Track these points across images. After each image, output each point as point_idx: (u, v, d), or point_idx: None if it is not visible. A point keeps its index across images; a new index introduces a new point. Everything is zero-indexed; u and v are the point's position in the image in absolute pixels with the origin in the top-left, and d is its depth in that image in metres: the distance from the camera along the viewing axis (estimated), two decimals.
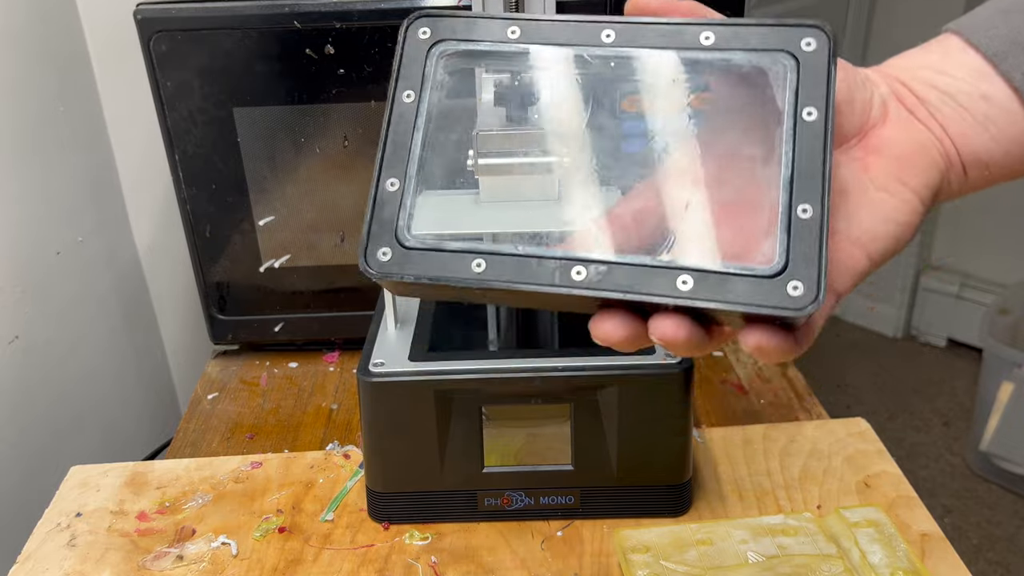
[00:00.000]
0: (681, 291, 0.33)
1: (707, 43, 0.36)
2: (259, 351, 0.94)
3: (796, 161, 0.34)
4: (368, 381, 0.63)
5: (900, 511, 0.67)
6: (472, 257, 0.35)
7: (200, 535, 0.67)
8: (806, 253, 0.33)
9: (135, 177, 1.06)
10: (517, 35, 0.37)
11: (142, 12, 0.77)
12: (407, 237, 0.36)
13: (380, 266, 0.36)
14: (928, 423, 2.07)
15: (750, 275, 0.33)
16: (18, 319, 0.86)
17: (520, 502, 0.67)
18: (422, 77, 0.37)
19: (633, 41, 0.37)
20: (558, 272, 0.34)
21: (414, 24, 0.37)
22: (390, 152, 0.37)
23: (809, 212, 0.34)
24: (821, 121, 0.35)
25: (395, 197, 0.37)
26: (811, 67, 0.35)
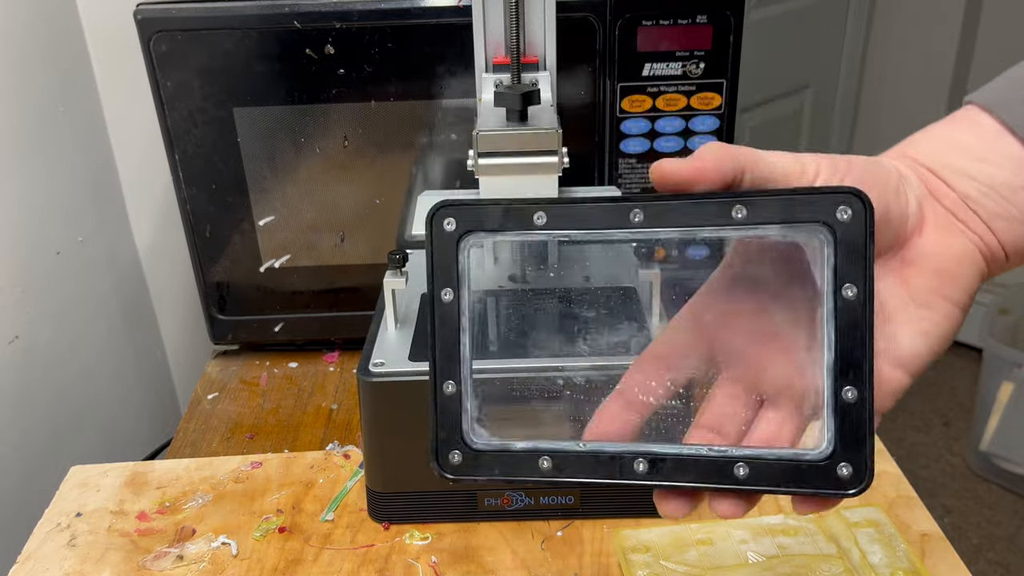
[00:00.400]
0: (740, 478, 0.36)
1: (739, 217, 0.35)
2: (259, 351, 0.94)
3: (839, 343, 0.35)
4: (368, 381, 0.63)
5: (900, 511, 0.67)
6: (538, 455, 0.37)
7: (200, 535, 0.67)
8: (854, 437, 0.35)
9: (135, 177, 1.06)
10: (544, 221, 0.37)
11: (142, 12, 0.77)
12: (474, 441, 0.38)
13: (454, 470, 0.38)
14: (928, 423, 2.07)
15: (802, 461, 0.35)
16: (18, 319, 0.86)
17: (520, 502, 0.67)
18: (457, 274, 0.37)
19: (663, 221, 0.36)
20: (620, 467, 0.37)
21: (439, 215, 0.37)
22: (441, 356, 0.38)
23: (854, 395, 0.35)
24: (862, 299, 0.35)
25: (455, 400, 0.38)
26: (848, 239, 0.34)
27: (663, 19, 0.78)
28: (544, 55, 0.70)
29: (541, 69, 0.71)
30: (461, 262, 0.37)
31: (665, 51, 0.79)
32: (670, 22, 0.78)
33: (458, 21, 0.78)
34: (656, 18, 0.78)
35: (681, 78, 0.80)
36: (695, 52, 0.79)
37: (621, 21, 0.78)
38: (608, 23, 0.78)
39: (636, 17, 0.78)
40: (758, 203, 0.35)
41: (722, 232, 0.36)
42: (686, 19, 0.78)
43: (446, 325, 0.37)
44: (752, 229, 0.35)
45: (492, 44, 0.69)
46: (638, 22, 0.78)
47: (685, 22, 0.78)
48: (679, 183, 0.35)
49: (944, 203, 0.39)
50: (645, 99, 0.81)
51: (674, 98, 0.80)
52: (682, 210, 0.36)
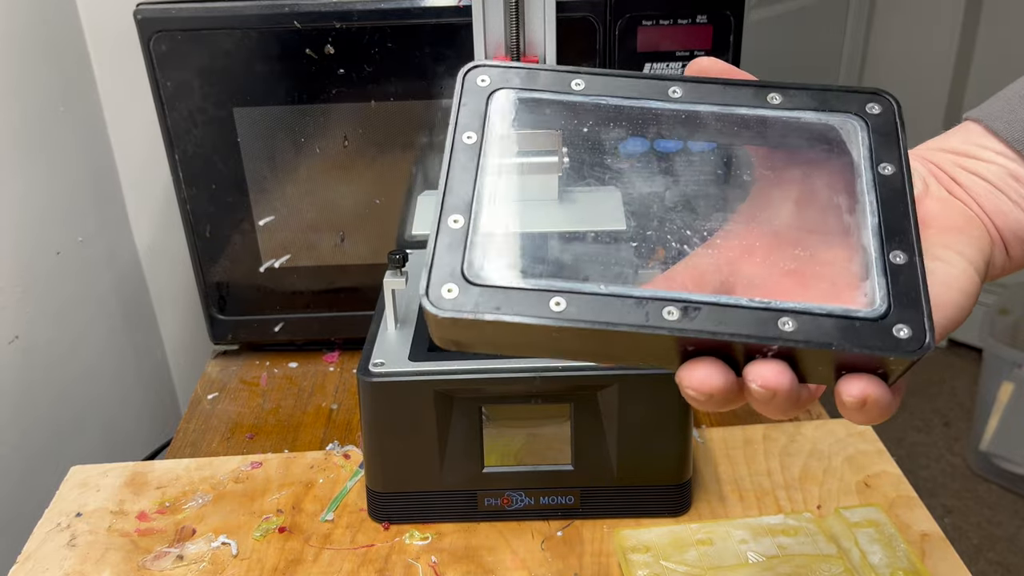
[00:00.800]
0: (786, 333, 0.31)
1: (775, 103, 0.37)
2: (259, 351, 0.94)
3: (882, 209, 0.34)
4: (368, 381, 0.63)
5: (900, 511, 0.67)
6: (549, 295, 0.32)
7: (200, 535, 0.67)
8: (908, 295, 0.32)
9: (135, 177, 1.06)
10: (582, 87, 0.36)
11: (142, 12, 0.77)
12: (475, 275, 0.33)
13: (445, 304, 0.32)
14: (928, 423, 2.07)
15: (854, 318, 0.32)
16: (18, 319, 0.86)
17: (520, 502, 0.67)
18: (484, 121, 0.35)
19: (701, 98, 0.36)
20: (648, 312, 0.32)
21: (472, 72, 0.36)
22: (452, 190, 0.34)
23: (902, 258, 0.33)
24: (900, 174, 0.35)
25: (459, 234, 0.33)
26: (880, 128, 0.36)
27: (663, 19, 0.78)
28: (544, 55, 0.70)
29: None
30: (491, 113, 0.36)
31: (665, 51, 0.79)
32: (670, 22, 0.78)
33: (458, 21, 0.78)
34: (656, 18, 0.78)
35: None
36: (695, 52, 0.79)
37: (621, 21, 0.78)
38: (608, 23, 0.78)
39: (636, 17, 0.78)
40: (793, 92, 0.37)
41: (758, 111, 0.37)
42: (686, 19, 0.78)
43: (462, 162, 0.35)
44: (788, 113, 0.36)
45: (492, 44, 0.69)
46: (638, 22, 0.78)
47: (685, 22, 0.78)
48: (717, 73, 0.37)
49: (942, 183, 0.41)
50: None
51: None
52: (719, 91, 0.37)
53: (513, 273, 0.33)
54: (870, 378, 0.32)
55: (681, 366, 0.33)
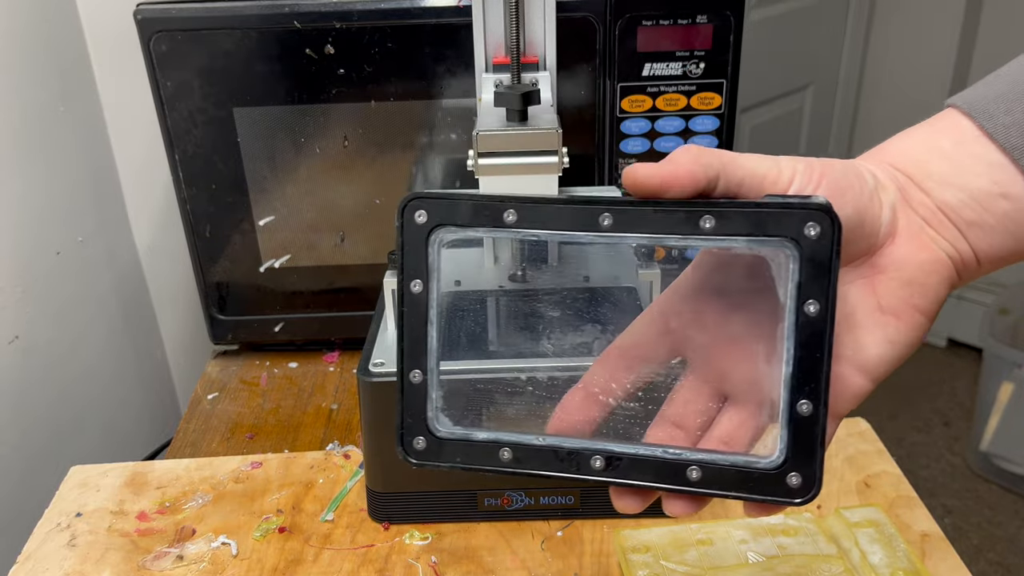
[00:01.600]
0: (692, 481, 0.37)
1: (707, 227, 0.35)
2: (259, 351, 0.94)
3: (797, 358, 0.35)
4: (368, 381, 0.63)
5: (900, 511, 0.67)
6: (499, 447, 0.38)
7: (200, 535, 0.67)
8: (805, 449, 0.36)
9: (135, 177, 1.06)
10: (514, 219, 0.36)
11: (142, 12, 0.77)
12: (438, 429, 0.39)
13: (417, 455, 0.39)
14: (928, 423, 2.07)
15: (753, 469, 0.36)
16: (18, 319, 0.86)
17: (520, 502, 0.67)
18: (427, 267, 0.38)
19: (631, 227, 0.36)
20: (578, 463, 0.38)
21: (409, 207, 0.37)
22: (409, 345, 0.38)
23: (808, 408, 0.35)
24: (823, 315, 0.35)
25: (421, 389, 0.38)
26: (814, 256, 0.34)
27: (663, 19, 0.78)
28: (544, 55, 0.70)
29: (541, 69, 0.71)
30: (431, 255, 0.37)
31: (665, 51, 0.79)
32: (670, 22, 0.78)
33: (458, 21, 0.78)
34: (656, 18, 0.78)
35: (681, 78, 0.80)
36: (695, 52, 0.79)
37: (621, 21, 0.78)
38: (608, 23, 0.78)
39: (636, 17, 0.78)
40: (727, 215, 0.35)
41: (688, 241, 0.35)
42: (686, 19, 0.78)
43: (414, 315, 0.38)
44: (719, 241, 0.35)
45: (492, 44, 0.69)
46: (638, 22, 0.78)
47: (685, 22, 0.78)
48: (652, 189, 0.35)
49: (919, 211, 0.39)
50: (645, 99, 0.80)
51: (674, 98, 0.80)
52: (651, 216, 0.35)
53: (468, 429, 0.39)
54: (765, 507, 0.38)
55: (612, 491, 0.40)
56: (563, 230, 0.36)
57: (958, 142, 0.39)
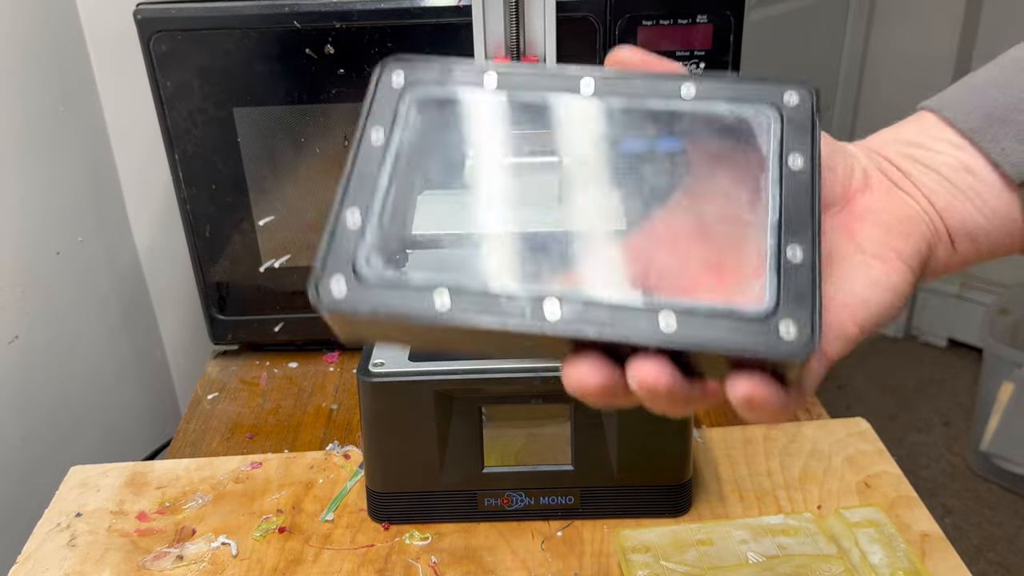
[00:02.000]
0: (663, 332, 0.30)
1: (688, 94, 0.35)
2: (259, 351, 0.94)
3: (784, 205, 0.33)
4: (368, 381, 0.63)
5: (900, 511, 0.67)
6: (434, 290, 0.31)
7: (200, 535, 0.67)
8: (799, 293, 0.31)
9: (135, 177, 1.06)
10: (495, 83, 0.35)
11: (142, 12, 0.77)
12: (364, 268, 0.32)
13: (333, 301, 0.32)
14: (928, 423, 2.07)
15: (738, 316, 0.31)
16: (18, 319, 0.86)
17: (520, 502, 0.67)
18: (393, 116, 0.35)
19: (613, 91, 0.35)
20: (529, 309, 0.31)
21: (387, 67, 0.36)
22: (355, 184, 0.34)
23: (800, 255, 0.32)
24: (808, 167, 0.34)
25: (353, 231, 0.33)
26: (795, 119, 0.35)
27: (663, 19, 0.78)
28: (544, 55, 0.70)
29: None
30: (400, 107, 0.35)
31: (665, 51, 0.79)
32: (670, 22, 0.78)
33: (458, 21, 0.78)
34: (656, 18, 0.78)
35: None
36: (695, 52, 0.79)
37: (621, 21, 0.78)
38: (608, 23, 0.78)
39: (636, 17, 0.78)
40: (707, 83, 0.35)
41: (670, 104, 0.35)
42: (686, 19, 0.78)
43: (369, 158, 0.34)
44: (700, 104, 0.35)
45: (492, 44, 0.69)
46: (638, 22, 0.78)
47: (685, 22, 0.78)
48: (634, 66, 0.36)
49: (890, 177, 0.40)
50: None
51: None
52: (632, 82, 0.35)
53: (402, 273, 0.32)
54: (759, 378, 0.31)
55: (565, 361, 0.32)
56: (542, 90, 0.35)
57: (922, 130, 0.41)
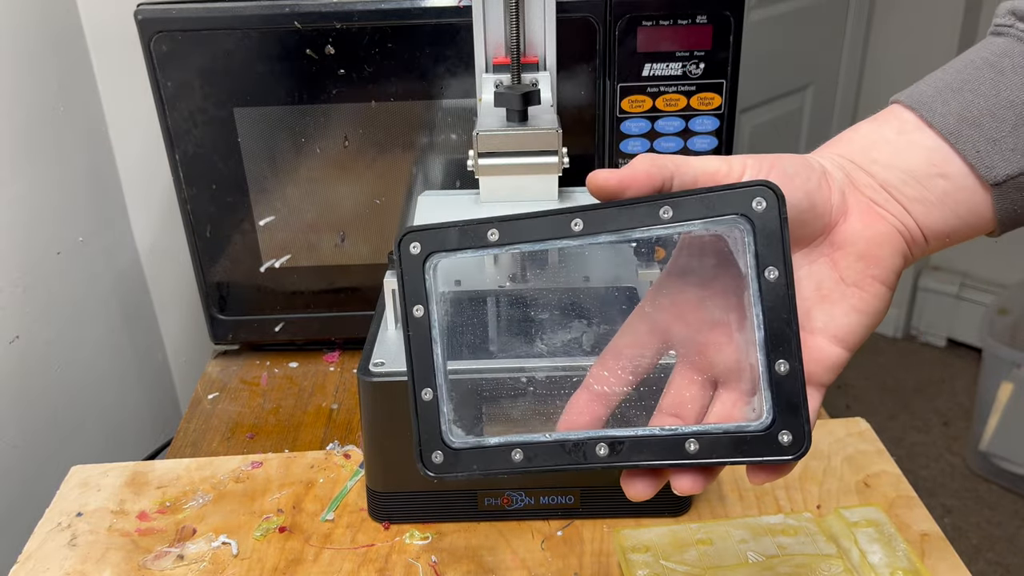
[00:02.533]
0: (691, 453, 0.39)
1: (666, 217, 0.39)
2: (259, 351, 0.94)
3: (767, 322, 0.38)
4: (368, 381, 0.63)
5: (900, 511, 0.67)
6: (510, 448, 0.41)
7: (200, 535, 0.67)
8: (790, 405, 0.38)
9: (135, 177, 1.06)
10: (497, 237, 0.40)
11: (142, 12, 0.78)
12: (452, 441, 0.41)
13: (437, 469, 0.42)
14: (928, 423, 2.07)
15: (746, 432, 0.39)
16: (18, 319, 0.86)
17: (520, 502, 0.67)
18: (425, 292, 0.41)
19: (599, 227, 0.40)
20: (584, 452, 0.40)
21: (404, 240, 0.41)
22: (417, 365, 0.41)
23: (785, 368, 0.38)
24: (783, 279, 0.38)
25: (433, 406, 0.41)
26: (765, 226, 0.38)
27: (663, 19, 0.78)
28: (544, 55, 0.70)
29: (541, 69, 0.71)
30: (428, 280, 0.41)
31: (665, 51, 0.79)
32: (670, 22, 0.78)
33: (458, 21, 0.78)
34: (656, 18, 0.78)
35: (681, 78, 0.80)
36: (695, 52, 0.79)
37: (621, 21, 0.78)
38: (608, 23, 0.78)
39: (636, 17, 0.78)
40: (682, 202, 0.39)
41: (652, 231, 0.39)
42: (686, 19, 0.78)
43: (419, 338, 0.41)
44: (679, 227, 0.39)
45: (492, 44, 0.70)
46: (638, 22, 0.78)
47: (685, 22, 0.78)
48: (611, 190, 0.39)
49: (866, 192, 0.42)
50: (645, 99, 0.81)
51: (674, 98, 0.80)
52: (616, 215, 0.39)
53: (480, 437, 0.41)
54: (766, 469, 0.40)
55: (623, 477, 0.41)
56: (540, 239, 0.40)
57: (900, 131, 0.43)
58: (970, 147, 0.41)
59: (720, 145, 0.82)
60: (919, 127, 0.42)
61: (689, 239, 0.42)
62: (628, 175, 0.39)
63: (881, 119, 0.44)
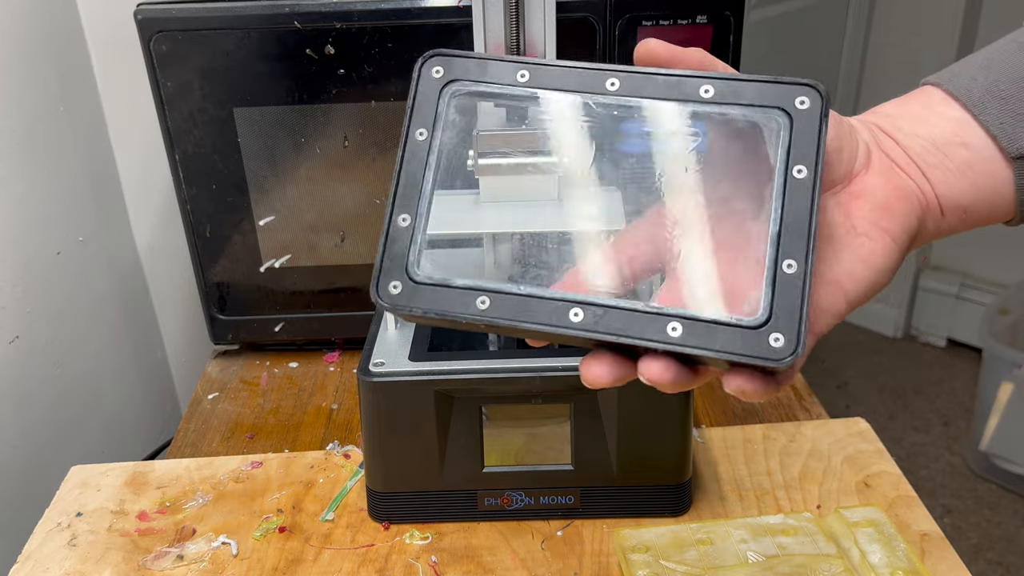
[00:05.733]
0: (671, 337, 0.36)
1: (706, 96, 0.38)
2: (259, 351, 0.94)
3: (784, 217, 0.36)
4: (368, 381, 0.63)
5: (900, 511, 0.67)
6: (477, 294, 0.37)
7: (200, 535, 0.67)
8: (789, 307, 0.36)
9: (135, 177, 1.06)
10: (527, 79, 0.38)
11: (142, 12, 0.78)
12: (416, 273, 0.38)
13: (390, 298, 0.37)
14: (928, 423, 2.07)
15: (736, 325, 0.36)
16: (18, 319, 0.86)
17: (520, 502, 0.67)
18: (435, 116, 0.38)
19: (636, 91, 0.38)
20: (556, 313, 0.37)
21: (428, 62, 0.39)
22: (403, 188, 0.38)
23: (794, 267, 0.36)
24: (810, 179, 0.37)
25: (407, 232, 0.38)
26: (803, 125, 0.37)
27: (663, 19, 0.78)
28: (544, 55, 0.70)
29: None
30: (440, 107, 0.38)
31: None
32: (670, 22, 0.78)
33: (458, 21, 0.78)
34: (656, 18, 0.78)
35: None
36: None
37: (621, 21, 0.78)
38: (608, 23, 0.78)
39: (636, 17, 0.78)
40: (725, 85, 0.38)
41: (688, 107, 0.38)
42: (686, 19, 0.78)
43: (413, 159, 0.38)
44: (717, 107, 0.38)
45: (492, 44, 0.69)
46: (638, 22, 0.78)
47: (685, 22, 0.78)
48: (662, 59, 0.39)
49: (889, 154, 0.43)
50: None
51: None
52: (656, 81, 0.38)
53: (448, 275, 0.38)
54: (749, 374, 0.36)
55: (583, 358, 0.38)
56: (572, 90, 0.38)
57: (926, 105, 0.44)
58: (993, 119, 0.41)
59: None
60: (945, 100, 0.43)
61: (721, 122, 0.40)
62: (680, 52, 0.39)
63: (908, 96, 0.45)
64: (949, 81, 0.43)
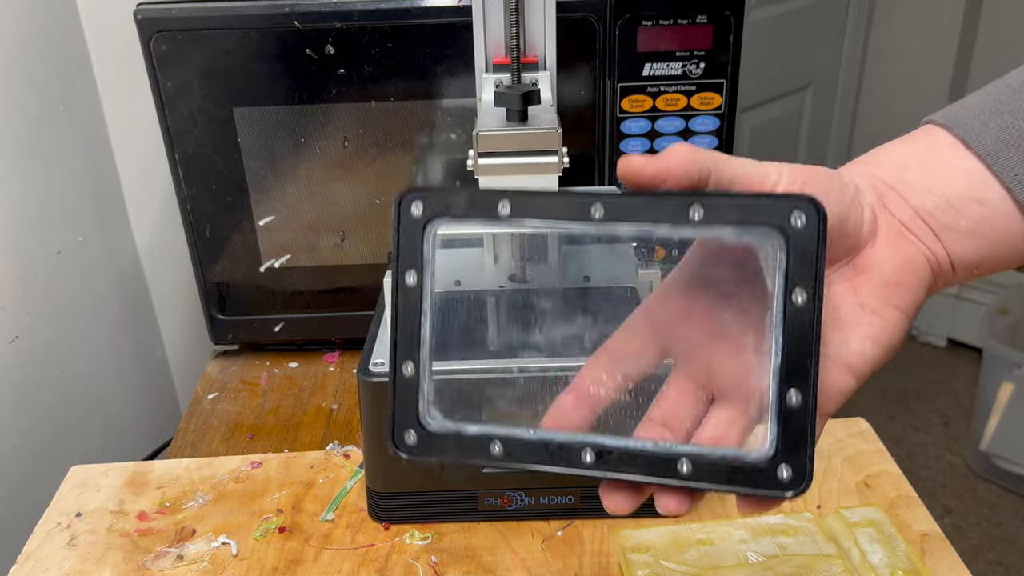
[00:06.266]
0: (682, 474, 0.36)
1: (696, 218, 0.35)
2: (259, 351, 0.94)
3: (786, 348, 0.35)
4: (368, 381, 0.63)
5: (900, 511, 0.67)
6: (490, 441, 0.38)
7: (200, 535, 0.67)
8: (796, 440, 0.35)
9: (135, 177, 1.06)
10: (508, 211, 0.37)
11: (142, 12, 0.78)
12: (429, 423, 0.38)
13: (408, 449, 0.38)
14: (928, 423, 2.07)
15: (744, 461, 0.36)
16: (18, 319, 0.86)
17: (520, 502, 0.67)
18: (422, 258, 0.38)
19: (623, 216, 0.36)
20: (568, 456, 0.37)
21: (407, 199, 0.37)
22: (402, 337, 0.38)
23: (798, 399, 0.35)
24: (811, 305, 0.35)
25: (413, 382, 0.38)
26: (801, 246, 0.35)
27: (663, 19, 0.78)
28: (544, 55, 0.70)
29: (541, 69, 0.71)
30: (426, 247, 0.37)
31: (665, 51, 0.79)
32: (670, 22, 0.78)
33: (458, 21, 0.78)
34: (656, 18, 0.78)
35: (681, 78, 0.80)
36: (695, 52, 0.79)
37: (621, 21, 0.78)
38: (608, 23, 0.78)
39: (636, 17, 0.78)
40: (716, 204, 0.35)
41: (678, 231, 0.36)
42: (686, 19, 0.78)
43: (408, 307, 0.38)
44: (708, 230, 0.35)
45: (492, 44, 0.69)
46: (638, 22, 0.78)
47: (685, 22, 0.78)
48: (646, 179, 0.36)
49: (898, 216, 0.40)
50: (645, 99, 0.81)
51: (674, 98, 0.80)
52: (642, 207, 0.36)
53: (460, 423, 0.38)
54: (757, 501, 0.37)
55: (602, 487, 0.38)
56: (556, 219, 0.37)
57: (935, 152, 0.40)
58: (1008, 171, 0.38)
59: (720, 145, 0.82)
60: (955, 146, 0.40)
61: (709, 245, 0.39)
62: (664, 167, 0.36)
63: (914, 138, 0.42)
64: (957, 124, 0.40)
